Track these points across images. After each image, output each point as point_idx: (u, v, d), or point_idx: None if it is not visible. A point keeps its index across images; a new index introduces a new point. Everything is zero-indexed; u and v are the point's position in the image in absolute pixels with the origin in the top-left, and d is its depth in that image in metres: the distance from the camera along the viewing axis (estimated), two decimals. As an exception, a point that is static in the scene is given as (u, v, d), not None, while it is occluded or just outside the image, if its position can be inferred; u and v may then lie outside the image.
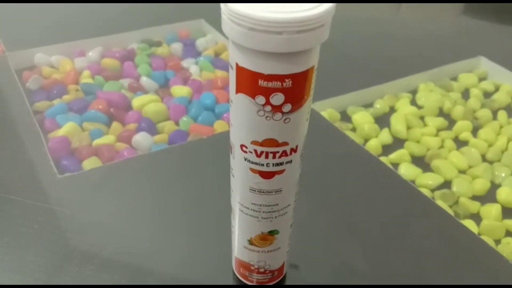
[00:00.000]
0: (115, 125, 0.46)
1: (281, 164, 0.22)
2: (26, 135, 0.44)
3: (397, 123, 0.47)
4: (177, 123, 0.48)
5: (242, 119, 0.21)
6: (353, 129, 0.48)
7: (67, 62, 0.56)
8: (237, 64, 0.19)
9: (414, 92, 0.54)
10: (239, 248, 0.28)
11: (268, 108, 0.20)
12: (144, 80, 0.53)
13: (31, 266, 0.32)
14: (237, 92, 0.20)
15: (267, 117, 0.20)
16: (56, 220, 0.35)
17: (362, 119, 0.48)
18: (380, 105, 0.51)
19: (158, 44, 0.61)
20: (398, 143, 0.46)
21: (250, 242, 0.27)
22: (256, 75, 0.19)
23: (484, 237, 0.37)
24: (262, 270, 0.28)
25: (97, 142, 0.44)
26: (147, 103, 0.48)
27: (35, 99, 0.50)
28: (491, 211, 0.39)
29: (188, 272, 0.32)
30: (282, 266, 0.29)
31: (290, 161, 0.22)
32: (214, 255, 0.33)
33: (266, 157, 0.22)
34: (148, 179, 0.40)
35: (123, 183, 0.39)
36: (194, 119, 0.48)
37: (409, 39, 0.66)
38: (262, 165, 0.22)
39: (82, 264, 0.32)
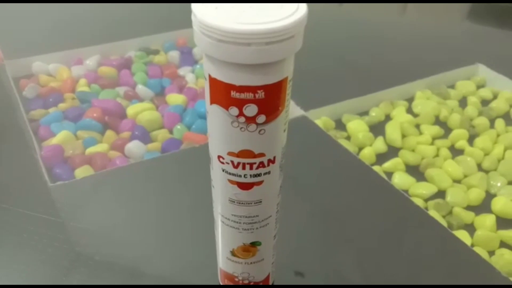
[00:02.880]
0: (109, 133, 0.46)
1: (259, 175, 0.22)
2: (19, 143, 0.44)
3: (392, 132, 0.47)
4: (171, 131, 0.48)
5: (217, 130, 0.21)
6: (348, 138, 0.48)
7: (64, 70, 0.56)
8: (209, 75, 0.19)
9: (410, 99, 0.53)
10: (222, 259, 0.28)
11: (242, 119, 0.19)
12: (140, 88, 0.53)
13: (20, 274, 0.32)
14: (211, 103, 0.20)
15: (241, 128, 0.20)
16: (46, 228, 0.35)
17: (357, 127, 0.48)
18: (375, 113, 0.50)
19: (156, 52, 0.62)
20: (393, 151, 0.46)
21: (233, 253, 0.26)
22: (228, 86, 0.18)
23: (478, 248, 0.36)
24: (246, 281, 0.28)
25: (90, 150, 0.44)
26: (141, 111, 0.48)
27: (31, 107, 0.50)
28: (486, 221, 0.38)
29: (175, 281, 0.32)
30: (267, 278, 0.29)
31: (269, 172, 0.22)
32: (202, 265, 0.32)
33: (243, 168, 0.21)
34: (140, 188, 0.40)
35: (114, 192, 0.39)
36: (188, 127, 0.48)
37: (407, 45, 0.65)
38: (240, 176, 0.22)
39: (70, 273, 0.32)
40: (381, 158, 0.45)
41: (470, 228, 0.38)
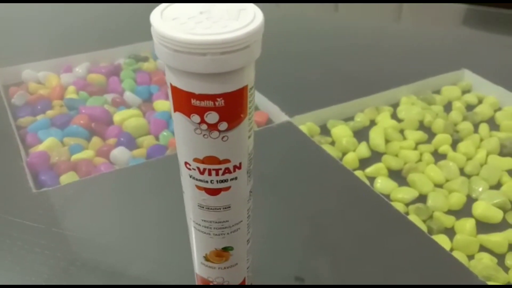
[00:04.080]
0: (95, 140, 0.47)
1: (225, 181, 0.22)
2: (6, 151, 0.44)
3: (376, 137, 0.47)
4: (157, 138, 0.48)
5: (182, 137, 0.21)
6: (332, 143, 0.48)
7: (53, 78, 0.57)
8: (171, 84, 0.19)
9: (396, 105, 0.54)
10: (198, 264, 0.28)
11: (204, 126, 0.20)
12: (128, 95, 0.54)
13: (0, 280, 0.32)
14: (174, 110, 0.20)
15: (204, 135, 0.20)
16: (28, 234, 0.35)
17: (341, 132, 0.48)
18: (360, 119, 0.51)
19: (145, 59, 0.62)
20: (376, 156, 0.46)
21: (206, 258, 0.27)
22: (188, 95, 0.19)
23: (457, 253, 0.36)
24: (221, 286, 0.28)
25: (76, 157, 0.44)
26: (127, 118, 0.49)
27: (19, 114, 0.51)
28: (466, 226, 0.38)
29: (160, 283, 0.32)
30: (243, 282, 0.29)
31: (235, 178, 0.23)
32: (182, 269, 0.33)
33: (210, 174, 0.22)
34: (124, 193, 0.40)
35: (98, 198, 0.40)
36: (174, 133, 0.48)
37: (394, 51, 0.66)
38: (207, 182, 0.22)
39: (50, 278, 0.32)
40: (364, 163, 0.45)
41: (451, 232, 0.39)
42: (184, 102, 0.19)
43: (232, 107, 0.20)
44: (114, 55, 0.63)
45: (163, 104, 0.52)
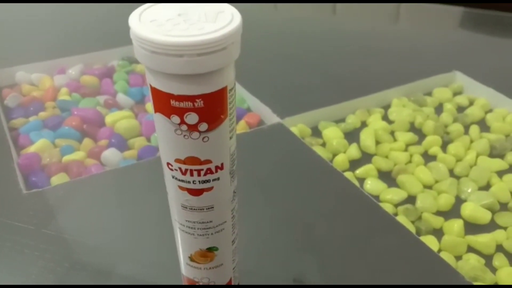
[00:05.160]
0: (87, 141, 0.47)
1: (207, 181, 0.23)
2: (-3, 152, 0.45)
3: (366, 138, 0.48)
4: (148, 139, 0.48)
5: (163, 137, 0.21)
6: (323, 145, 0.48)
7: (47, 80, 0.57)
8: (150, 85, 0.20)
9: (387, 107, 0.54)
10: (183, 264, 0.28)
11: (184, 127, 0.20)
12: (120, 96, 0.54)
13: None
14: (155, 111, 0.20)
15: (184, 135, 0.20)
16: (18, 235, 0.36)
17: (332, 134, 0.48)
18: (351, 120, 0.51)
19: (138, 61, 0.62)
20: (366, 158, 0.46)
21: (191, 258, 0.27)
22: (168, 96, 0.19)
23: (445, 253, 0.37)
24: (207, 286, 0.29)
25: (67, 158, 0.44)
26: (119, 120, 0.49)
27: (12, 116, 0.51)
28: (454, 226, 0.38)
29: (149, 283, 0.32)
30: (230, 282, 0.29)
31: (218, 179, 0.23)
32: (171, 270, 0.33)
33: (191, 174, 0.22)
34: (114, 194, 0.40)
35: (88, 199, 0.40)
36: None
37: (386, 53, 0.66)
38: (189, 182, 0.22)
39: (39, 279, 0.32)
40: (354, 164, 0.46)
41: (439, 233, 0.39)
42: (163, 103, 0.19)
43: (211, 108, 0.20)
44: (107, 57, 0.63)
45: (156, 106, 0.53)
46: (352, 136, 0.49)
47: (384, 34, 0.74)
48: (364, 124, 0.51)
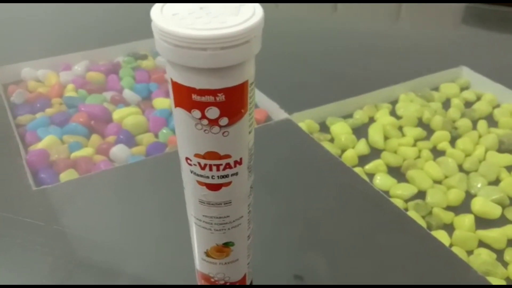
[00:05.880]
0: (94, 137, 0.47)
1: (226, 176, 0.22)
2: (5, 149, 0.44)
3: (375, 134, 0.47)
4: (156, 135, 0.48)
5: (183, 132, 0.21)
6: (331, 140, 0.48)
7: (52, 76, 0.57)
8: (171, 79, 0.19)
9: (395, 102, 0.54)
10: (198, 260, 0.28)
11: (205, 121, 0.20)
12: (126, 92, 0.54)
13: (1, 277, 0.32)
14: (175, 106, 0.20)
15: (205, 130, 0.20)
16: (29, 232, 0.35)
17: (340, 130, 0.48)
18: (359, 116, 0.51)
19: (144, 57, 0.62)
20: (375, 153, 0.46)
21: (207, 254, 0.27)
22: (189, 90, 0.19)
23: (456, 248, 0.37)
24: (222, 282, 0.28)
25: (75, 154, 0.44)
26: (127, 116, 0.49)
27: (18, 112, 0.51)
28: (464, 221, 0.38)
29: (159, 281, 0.32)
30: (244, 278, 0.29)
31: (236, 173, 0.23)
32: (182, 266, 0.33)
33: (210, 169, 0.22)
34: (123, 191, 0.40)
35: (98, 195, 0.40)
36: (173, 131, 0.48)
37: (393, 49, 0.66)
38: (208, 177, 0.22)
39: (50, 275, 0.32)
40: (363, 160, 0.45)
41: (449, 228, 0.39)
42: (185, 97, 0.19)
43: (232, 102, 0.20)
44: (112, 53, 0.63)
45: (162, 102, 0.52)
46: (360, 131, 0.49)
47: (388, 32, 0.73)
48: (371, 120, 0.51)
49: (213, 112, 0.20)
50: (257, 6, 0.19)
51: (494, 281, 0.34)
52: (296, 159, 0.44)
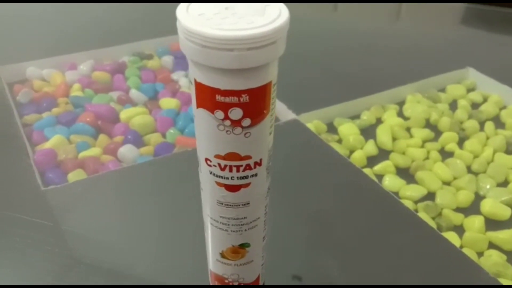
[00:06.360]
0: (102, 137, 0.47)
1: (246, 177, 0.22)
2: (13, 148, 0.44)
3: (383, 135, 0.47)
4: (164, 136, 0.48)
5: (204, 133, 0.21)
6: (339, 141, 0.48)
7: (58, 76, 0.56)
8: (195, 80, 0.19)
9: (402, 103, 0.54)
10: (212, 261, 0.28)
11: (228, 122, 0.20)
12: (133, 92, 0.53)
13: (10, 277, 0.32)
14: (197, 107, 0.20)
15: (227, 131, 0.20)
16: (37, 232, 0.35)
17: (348, 130, 0.48)
18: (366, 117, 0.51)
19: (149, 57, 0.62)
20: (383, 154, 0.46)
21: (222, 255, 0.27)
22: (213, 91, 0.19)
23: (467, 250, 0.37)
24: (236, 283, 0.28)
25: (83, 154, 0.44)
26: (134, 116, 0.49)
27: (25, 112, 0.51)
28: (474, 223, 0.38)
29: (167, 282, 0.32)
30: (257, 279, 0.29)
31: (255, 175, 0.23)
32: (193, 267, 0.33)
33: (230, 170, 0.22)
34: (132, 191, 0.40)
35: (106, 195, 0.39)
36: (181, 131, 0.48)
37: (399, 50, 0.66)
38: (227, 178, 0.22)
39: (60, 276, 0.32)
40: (372, 161, 0.45)
41: (459, 229, 0.39)
42: (208, 98, 0.19)
43: (256, 103, 0.19)
44: (118, 53, 0.62)
45: (169, 102, 0.52)
46: (367, 132, 0.49)
47: (390, 32, 0.73)
48: (379, 121, 0.51)
49: (236, 113, 0.19)
50: (282, 7, 0.19)
51: (505, 282, 0.34)
52: (304, 160, 0.44)
